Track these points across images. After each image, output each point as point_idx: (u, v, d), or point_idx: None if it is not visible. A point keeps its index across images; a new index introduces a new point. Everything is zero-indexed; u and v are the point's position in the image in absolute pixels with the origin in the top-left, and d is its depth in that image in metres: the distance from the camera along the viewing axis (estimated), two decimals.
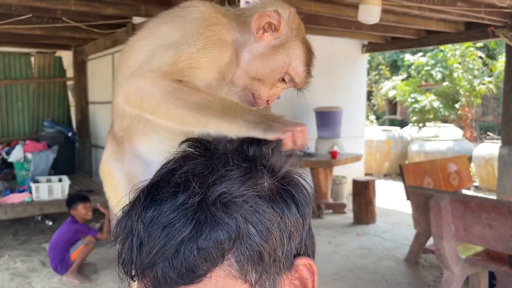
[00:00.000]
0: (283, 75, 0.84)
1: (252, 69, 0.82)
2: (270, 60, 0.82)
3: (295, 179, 0.58)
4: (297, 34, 0.85)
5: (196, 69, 0.78)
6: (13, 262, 4.47)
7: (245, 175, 0.52)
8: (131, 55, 0.84)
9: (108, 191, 0.93)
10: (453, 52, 9.35)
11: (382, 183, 8.58)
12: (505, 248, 3.01)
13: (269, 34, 0.82)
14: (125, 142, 0.90)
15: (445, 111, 9.58)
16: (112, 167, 0.91)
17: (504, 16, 5.31)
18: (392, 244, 5.02)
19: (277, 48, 0.82)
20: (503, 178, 5.78)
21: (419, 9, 4.88)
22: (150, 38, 0.83)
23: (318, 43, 5.35)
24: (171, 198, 0.50)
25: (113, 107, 0.91)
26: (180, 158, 0.56)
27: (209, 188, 0.50)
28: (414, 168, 4.62)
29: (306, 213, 0.56)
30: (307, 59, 0.86)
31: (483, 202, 3.13)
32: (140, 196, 0.52)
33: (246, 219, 0.49)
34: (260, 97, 0.84)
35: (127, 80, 0.80)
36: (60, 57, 8.07)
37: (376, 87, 12.92)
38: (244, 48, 0.82)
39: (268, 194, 0.53)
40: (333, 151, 6.14)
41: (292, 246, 0.53)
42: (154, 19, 0.86)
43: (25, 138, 6.97)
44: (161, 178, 0.54)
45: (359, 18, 4.06)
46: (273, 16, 0.81)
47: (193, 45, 0.77)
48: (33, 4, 4.53)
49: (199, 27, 0.78)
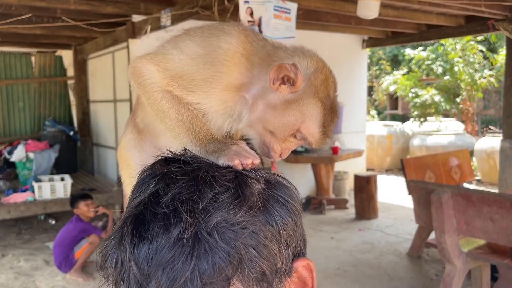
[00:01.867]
0: (295, 132, 0.80)
1: (264, 119, 0.79)
2: (281, 114, 0.78)
3: (278, 181, 0.58)
4: (318, 91, 0.79)
5: (191, 93, 0.79)
6: (17, 261, 4.50)
7: (237, 198, 0.51)
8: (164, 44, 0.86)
9: (123, 175, 0.95)
10: (453, 46, 9.32)
11: (384, 178, 8.58)
12: (507, 241, 3.02)
13: (287, 87, 0.77)
14: (146, 134, 0.93)
15: (446, 105, 9.57)
16: (131, 153, 0.93)
17: (505, 9, 5.29)
18: (395, 239, 5.03)
19: (290, 104, 0.78)
20: (505, 171, 5.78)
21: (418, 3, 4.87)
22: (182, 38, 0.83)
23: (318, 39, 5.39)
24: (163, 233, 0.48)
25: (137, 96, 0.92)
26: (160, 178, 0.53)
27: (202, 217, 0.48)
28: (415, 163, 4.62)
29: (297, 214, 0.57)
30: (324, 119, 0.80)
31: (485, 195, 3.13)
32: (126, 229, 0.50)
33: (245, 244, 0.49)
34: (274, 149, 0.81)
35: (140, 58, 0.82)
36: (61, 56, 8.08)
37: (377, 82, 12.90)
38: (259, 96, 0.79)
39: (262, 209, 0.52)
40: (334, 147, 6.15)
41: (290, 253, 0.54)
42: (194, 28, 0.85)
43: (27, 137, 6.99)
44: (145, 207, 0.51)
45: (358, 13, 4.06)
46: (291, 69, 0.76)
47: (200, 73, 0.77)
48: (33, 4, 4.53)
49: (215, 58, 0.77)
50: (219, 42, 0.78)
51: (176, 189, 0.51)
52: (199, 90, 0.78)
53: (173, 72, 0.78)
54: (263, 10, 3.44)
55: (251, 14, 3.42)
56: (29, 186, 5.33)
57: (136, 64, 0.82)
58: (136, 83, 0.81)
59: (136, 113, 0.95)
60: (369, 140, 8.86)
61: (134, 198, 0.54)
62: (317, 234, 5.26)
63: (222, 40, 0.78)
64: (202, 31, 0.82)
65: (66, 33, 6.15)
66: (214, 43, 0.79)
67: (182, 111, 0.78)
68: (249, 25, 3.40)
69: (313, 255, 4.53)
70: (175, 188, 0.51)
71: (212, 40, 0.79)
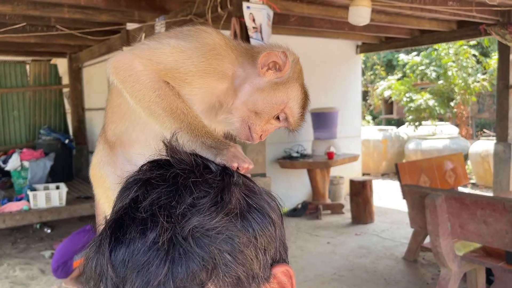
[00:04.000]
0: (279, 113, 0.88)
1: (251, 101, 0.86)
2: (269, 95, 0.86)
3: (260, 190, 0.58)
4: (298, 78, 0.89)
5: (187, 85, 0.82)
6: (12, 270, 4.47)
7: (216, 204, 0.51)
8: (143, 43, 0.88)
9: (99, 194, 0.95)
10: (446, 51, 9.40)
11: (379, 182, 8.61)
12: (501, 244, 3.04)
13: (273, 72, 0.86)
14: (118, 147, 0.92)
15: (441, 109, 9.63)
16: (104, 170, 0.93)
17: (496, 14, 5.35)
18: (391, 243, 5.04)
19: (278, 86, 0.86)
20: (499, 174, 5.81)
21: (410, 9, 4.91)
22: (159, 37, 0.87)
23: (312, 45, 5.42)
24: (139, 237, 0.48)
25: (106, 111, 0.93)
26: (141, 184, 0.54)
27: (178, 222, 0.49)
28: (410, 167, 4.65)
29: (276, 221, 0.57)
30: (303, 102, 0.91)
31: (478, 199, 3.15)
32: (105, 233, 0.51)
33: (220, 249, 0.49)
34: (256, 131, 0.87)
35: (125, 53, 0.83)
36: (56, 65, 8.08)
37: (372, 87, 12.96)
38: (246, 81, 0.87)
39: (240, 215, 0.52)
40: (329, 152, 6.17)
41: (267, 258, 0.54)
42: (167, 31, 0.90)
43: (22, 146, 6.97)
44: (125, 212, 0.52)
45: (349, 20, 4.09)
46: (280, 56, 0.85)
47: (195, 65, 0.81)
48: (27, 13, 4.55)
49: (207, 52, 0.83)
50: (203, 39, 0.84)
51: (155, 194, 0.51)
52: (195, 81, 0.82)
53: (168, 66, 0.81)
54: (261, 17, 3.48)
55: (253, 21, 3.45)
56: (24, 195, 5.31)
57: (122, 59, 0.81)
58: (121, 78, 0.80)
59: (106, 128, 0.94)
60: (364, 145, 8.89)
61: (117, 204, 0.55)
62: (314, 239, 5.26)
63: (203, 37, 0.84)
64: (175, 32, 0.87)
65: (60, 41, 6.16)
66: (197, 39, 0.84)
67: (177, 103, 0.79)
68: (253, 31, 3.43)
69: (310, 260, 4.54)
70: (154, 194, 0.51)
71: (194, 37, 0.84)
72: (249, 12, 3.44)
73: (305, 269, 4.30)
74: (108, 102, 0.94)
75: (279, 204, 0.59)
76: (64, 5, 4.59)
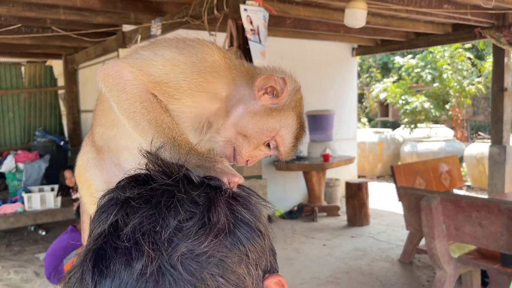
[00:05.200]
0: (269, 140, 0.84)
1: (241, 123, 0.82)
2: (261, 120, 0.82)
3: (246, 200, 0.57)
4: (295, 107, 0.85)
5: (176, 101, 0.79)
6: (6, 273, 4.45)
7: (203, 226, 0.49)
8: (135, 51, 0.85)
9: (85, 196, 0.92)
10: (442, 54, 9.44)
11: (375, 185, 8.62)
12: (496, 246, 3.05)
13: (269, 97, 0.82)
14: (105, 152, 0.89)
15: (436, 112, 9.67)
16: (91, 173, 0.90)
17: (491, 17, 5.38)
18: (386, 245, 5.05)
19: (272, 112, 0.83)
20: (494, 177, 5.83)
21: (406, 11, 4.94)
22: (156, 45, 0.83)
23: (308, 47, 5.41)
24: (125, 268, 0.46)
25: (95, 111, 0.91)
26: (121, 206, 0.51)
27: (165, 249, 0.47)
28: (405, 169, 4.66)
29: (263, 232, 0.55)
30: (297, 133, 0.86)
31: (473, 201, 3.16)
32: (86, 266, 0.48)
33: (212, 273, 0.47)
34: (241, 154, 0.83)
35: (116, 61, 0.80)
36: (51, 66, 8.05)
37: (367, 89, 12.99)
38: (240, 102, 0.83)
39: (228, 232, 0.50)
40: (325, 154, 6.18)
41: (259, 272, 0.53)
42: (168, 37, 0.86)
43: (17, 148, 6.94)
44: (105, 241, 0.49)
45: (345, 22, 4.10)
46: (278, 82, 0.81)
47: (188, 81, 0.78)
48: (23, 14, 4.53)
49: (203, 69, 0.79)
50: (202, 54, 0.80)
51: (137, 219, 0.48)
52: (185, 98, 0.79)
53: (158, 78, 0.78)
54: (257, 19, 3.48)
55: (251, 23, 3.45)
56: (19, 197, 5.29)
57: (112, 67, 0.79)
58: (109, 86, 0.78)
59: (94, 130, 0.91)
60: (360, 147, 8.91)
61: (95, 228, 0.52)
62: (309, 241, 5.26)
63: (204, 52, 0.80)
64: (177, 41, 0.83)
65: (56, 43, 6.14)
66: (197, 54, 0.80)
67: (163, 116, 0.76)
68: (251, 33, 3.43)
69: (306, 263, 4.53)
70: (136, 218, 0.49)
71: (192, 51, 0.81)
72: (246, 14, 3.44)
73: (301, 272, 4.30)
74: (99, 102, 0.90)
75: (263, 215, 0.57)
76: (60, 7, 4.58)
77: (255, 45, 3.41)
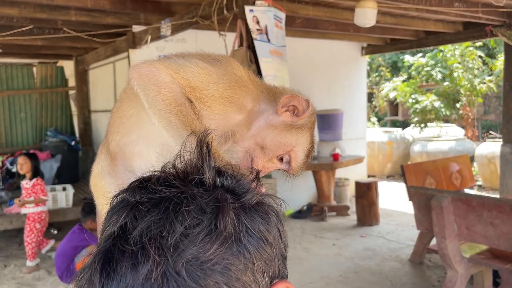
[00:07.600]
0: (284, 154, 0.89)
1: (261, 134, 0.88)
2: (280, 134, 0.88)
3: (257, 205, 0.55)
4: (310, 128, 0.92)
5: (207, 108, 0.82)
6: (19, 271, 4.50)
7: (210, 233, 0.49)
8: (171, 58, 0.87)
9: (100, 204, 0.93)
10: (452, 52, 9.37)
11: (385, 184, 8.58)
12: (508, 246, 3.02)
13: (290, 115, 0.88)
14: (119, 159, 0.90)
15: (447, 111, 9.60)
16: (105, 181, 0.92)
17: (502, 15, 5.33)
18: (396, 245, 5.02)
19: (291, 128, 0.89)
20: (505, 176, 5.78)
21: (416, 10, 4.91)
22: (187, 56, 0.87)
23: (318, 47, 5.40)
24: (131, 272, 0.47)
25: (113, 119, 0.92)
26: (130, 209, 0.51)
27: (171, 254, 0.47)
28: (415, 169, 4.63)
29: (277, 239, 0.55)
30: (308, 151, 0.93)
31: (485, 200, 3.14)
32: (94, 268, 0.49)
33: (217, 281, 0.48)
34: (257, 164, 0.88)
35: (153, 62, 0.82)
36: (62, 67, 8.14)
37: (377, 88, 12.93)
38: (262, 116, 0.89)
39: (234, 240, 0.50)
40: (335, 154, 6.16)
41: (266, 279, 0.53)
42: (193, 53, 0.90)
43: (29, 148, 7.02)
44: (114, 243, 0.49)
45: (355, 22, 4.09)
46: (302, 103, 0.88)
47: (220, 91, 0.82)
48: (34, 16, 4.58)
49: (233, 82, 0.84)
50: (232, 68, 0.86)
51: (145, 223, 0.49)
52: (215, 106, 0.82)
53: (194, 84, 0.81)
54: (266, 19, 3.49)
55: (257, 23, 3.47)
56: None
57: (148, 67, 0.80)
58: (143, 85, 0.79)
59: (110, 138, 0.92)
60: (369, 147, 8.87)
61: (106, 228, 0.53)
62: (319, 241, 5.25)
63: (232, 67, 0.86)
64: (206, 55, 0.88)
65: (67, 44, 6.21)
66: (226, 68, 0.85)
67: (196, 122, 0.79)
68: (257, 33, 3.44)
69: (315, 262, 4.53)
70: (144, 222, 0.49)
71: (221, 65, 0.85)
72: (253, 15, 3.45)
73: (310, 271, 4.30)
74: (117, 110, 0.91)
75: (277, 219, 0.56)
76: (71, 8, 4.62)
77: (262, 44, 3.42)
